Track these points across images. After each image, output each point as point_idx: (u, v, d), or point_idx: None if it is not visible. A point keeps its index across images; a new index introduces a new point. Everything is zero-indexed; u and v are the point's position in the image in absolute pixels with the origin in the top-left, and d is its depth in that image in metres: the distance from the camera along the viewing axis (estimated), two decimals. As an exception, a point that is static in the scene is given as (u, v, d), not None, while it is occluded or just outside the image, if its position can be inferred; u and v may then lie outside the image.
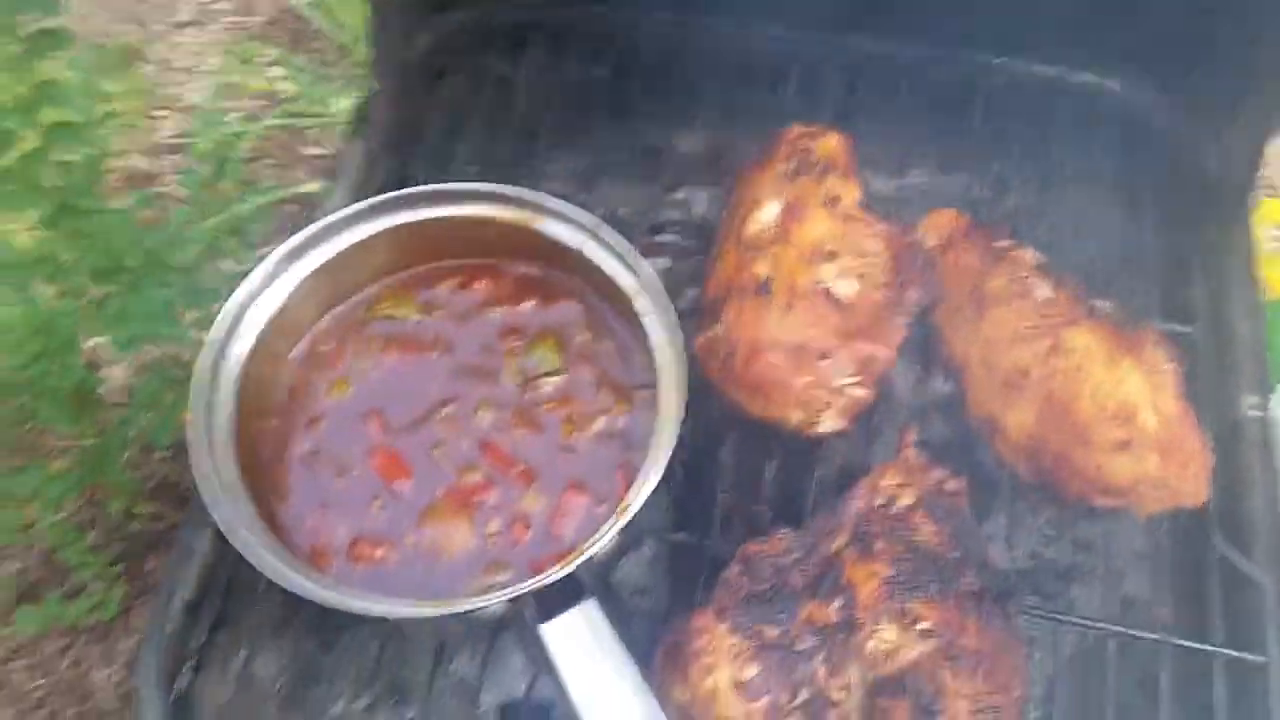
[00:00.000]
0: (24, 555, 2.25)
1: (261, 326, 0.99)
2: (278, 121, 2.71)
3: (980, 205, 1.23)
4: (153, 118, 2.93)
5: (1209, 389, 1.01)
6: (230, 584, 1.05)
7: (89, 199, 1.42)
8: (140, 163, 2.84)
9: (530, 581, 0.83)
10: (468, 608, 0.83)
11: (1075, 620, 0.93)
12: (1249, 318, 1.03)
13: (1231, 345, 1.02)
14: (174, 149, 2.83)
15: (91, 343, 2.32)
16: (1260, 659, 0.87)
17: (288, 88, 2.87)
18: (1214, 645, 0.89)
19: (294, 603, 1.06)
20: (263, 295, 1.00)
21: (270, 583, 1.03)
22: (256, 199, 2.14)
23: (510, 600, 0.83)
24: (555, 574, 0.83)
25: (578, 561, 0.83)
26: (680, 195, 1.28)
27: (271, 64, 2.95)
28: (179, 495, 1.92)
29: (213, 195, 2.06)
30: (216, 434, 0.94)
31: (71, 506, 2.15)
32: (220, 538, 1.05)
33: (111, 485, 1.86)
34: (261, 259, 1.00)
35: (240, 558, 1.04)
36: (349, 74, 2.54)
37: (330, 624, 1.06)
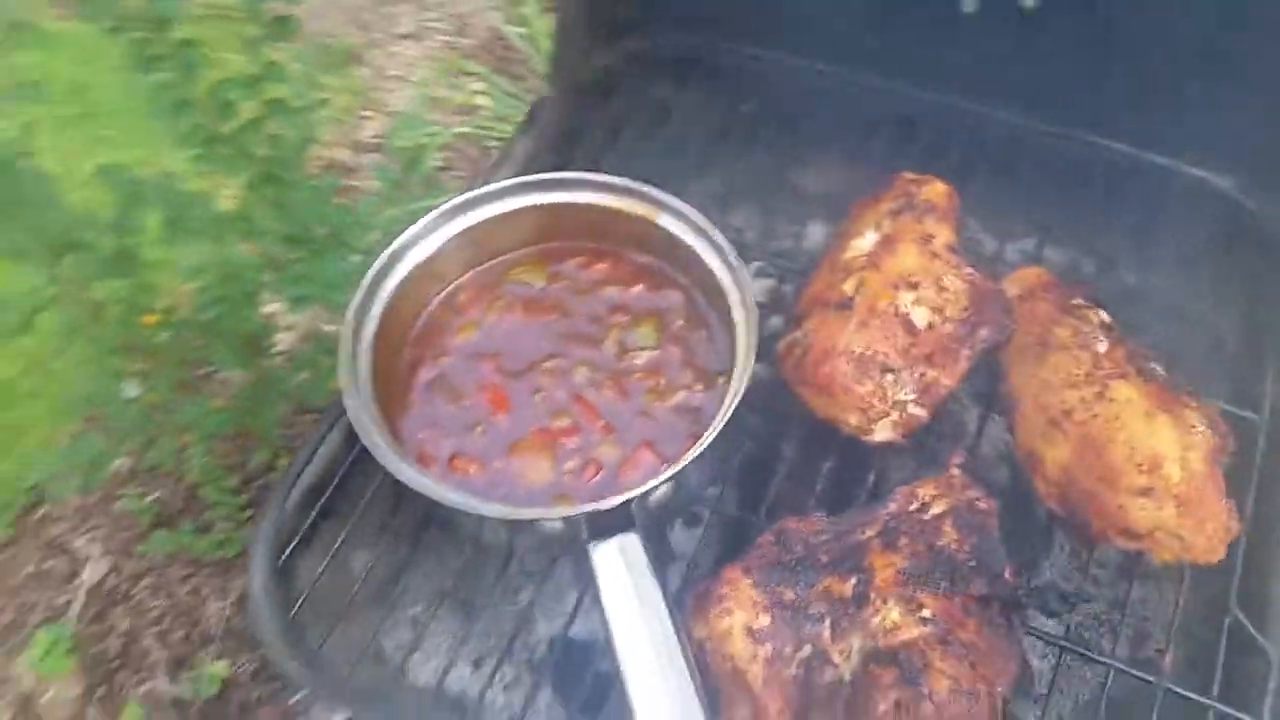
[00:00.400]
0: (167, 487, 2.50)
1: (413, 268, 1.17)
2: (468, 131, 2.97)
3: (1079, 279, 1.29)
4: (361, 117, 3.25)
5: (1261, 472, 1.04)
6: (345, 483, 1.20)
7: (291, 173, 1.62)
8: (342, 155, 3.15)
9: (589, 505, 0.96)
10: (535, 517, 0.97)
11: (1078, 649, 0.98)
12: (1314, 416, 1.07)
13: (1291, 435, 1.06)
14: (374, 148, 3.13)
15: (269, 308, 2.57)
16: (1248, 720, 0.91)
17: (486, 104, 3.14)
18: (1209, 699, 0.93)
19: (393, 512, 1.22)
20: (419, 244, 1.18)
21: (376, 491, 1.20)
22: (436, 199, 2.36)
23: (570, 519, 0.96)
24: (610, 502, 0.95)
25: (630, 494, 0.95)
26: (798, 227, 1.40)
27: (475, 83, 3.23)
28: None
29: (399, 192, 2.30)
30: (361, 350, 1.11)
31: (220, 450, 2.38)
32: (346, 441, 1.23)
33: (260, 434, 2.06)
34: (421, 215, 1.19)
35: (357, 462, 1.22)
36: (546, 101, 2.75)
37: (420, 539, 1.20)
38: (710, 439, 0.98)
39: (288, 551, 1.14)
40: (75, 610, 2.31)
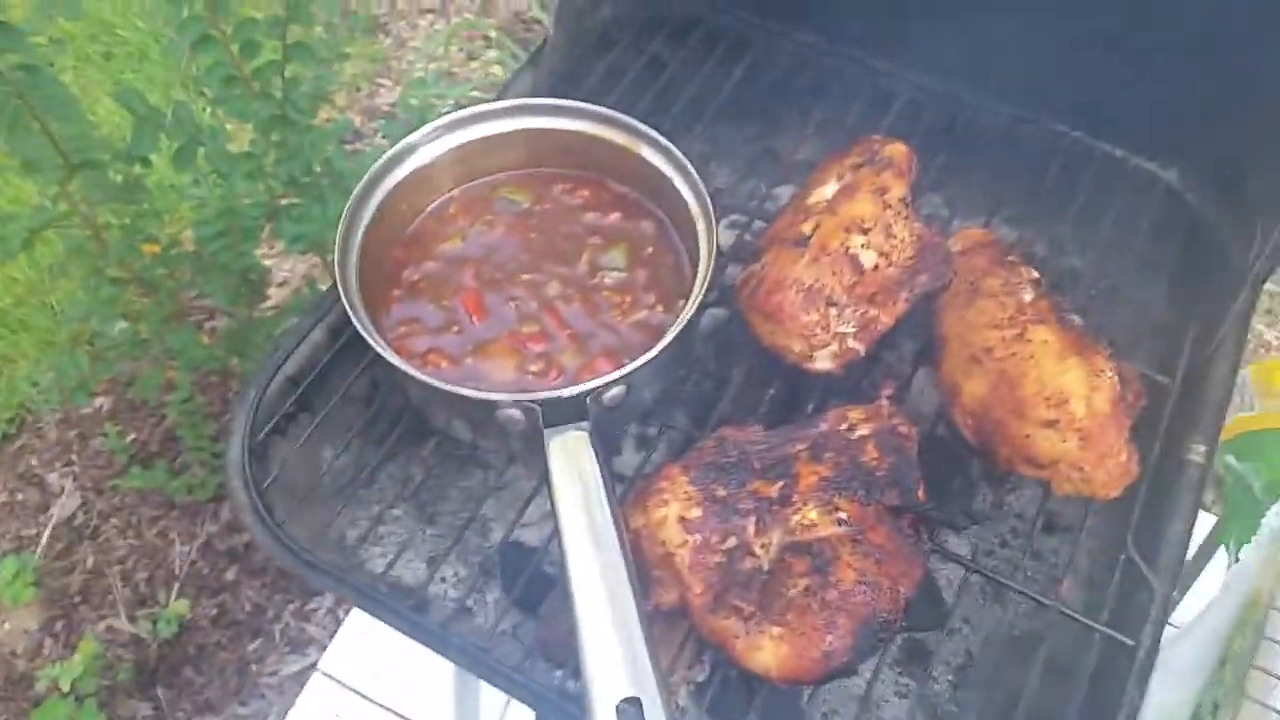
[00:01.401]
0: (146, 429, 2.53)
1: (408, 174, 1.25)
2: (479, 95, 3.04)
3: (1030, 260, 1.38)
4: (377, 84, 3.31)
5: (1167, 430, 1.14)
6: (324, 376, 1.27)
7: (304, 117, 1.67)
8: (355, 119, 3.21)
9: (546, 391, 1.04)
10: (498, 398, 1.05)
11: (980, 569, 1.07)
12: (1220, 386, 1.16)
13: (1198, 401, 1.15)
14: (387, 115, 3.19)
15: (267, 261, 2.61)
16: (1130, 641, 0.99)
17: (501, 75, 3.20)
18: (1098, 624, 1.01)
19: (364, 412, 1.30)
20: (417, 152, 1.26)
21: (350, 388, 1.27)
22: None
23: (528, 408, 1.04)
24: (566, 391, 1.04)
25: (586, 386, 1.04)
26: (770, 188, 1.48)
27: (494, 63, 3.30)
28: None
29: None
30: (352, 245, 1.20)
31: (203, 400, 2.41)
32: (329, 338, 1.31)
33: (241, 381, 2.10)
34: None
35: (336, 360, 1.29)
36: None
37: (388, 440, 1.26)
38: (663, 346, 1.07)
39: (264, 432, 1.22)
40: (43, 543, 2.34)
